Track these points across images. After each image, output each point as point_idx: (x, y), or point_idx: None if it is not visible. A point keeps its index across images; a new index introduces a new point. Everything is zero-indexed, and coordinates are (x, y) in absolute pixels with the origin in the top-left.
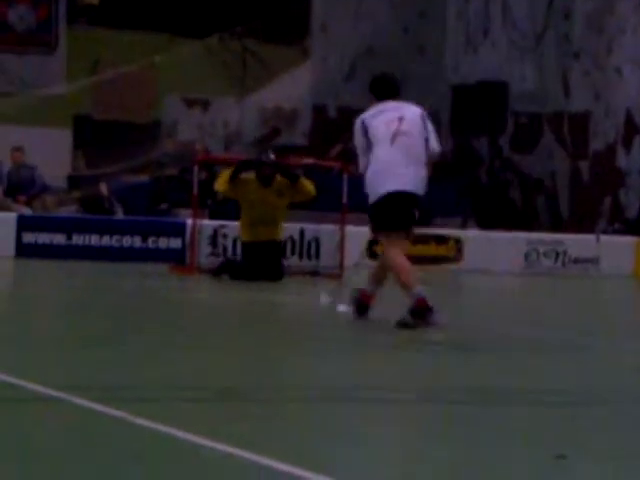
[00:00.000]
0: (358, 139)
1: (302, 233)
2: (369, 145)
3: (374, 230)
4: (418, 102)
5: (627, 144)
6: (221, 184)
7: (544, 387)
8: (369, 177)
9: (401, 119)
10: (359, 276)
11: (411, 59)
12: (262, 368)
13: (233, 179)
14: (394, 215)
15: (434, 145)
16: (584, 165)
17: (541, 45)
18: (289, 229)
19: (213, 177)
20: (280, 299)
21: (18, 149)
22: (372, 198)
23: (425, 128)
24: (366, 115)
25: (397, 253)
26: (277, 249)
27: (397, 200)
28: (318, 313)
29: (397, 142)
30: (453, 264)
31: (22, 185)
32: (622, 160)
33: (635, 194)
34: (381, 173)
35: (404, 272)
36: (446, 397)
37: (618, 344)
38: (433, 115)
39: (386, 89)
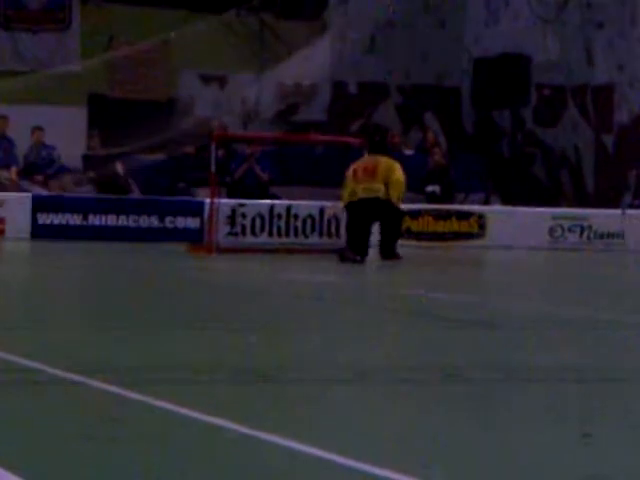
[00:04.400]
0: None
1: (322, 211)
2: None
3: None
4: (438, 76)
5: None
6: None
7: (567, 364)
8: None
9: None
10: None
11: (431, 32)
12: (281, 348)
13: None
14: None
15: None
16: (608, 138)
17: (563, 15)
18: (309, 207)
19: (230, 155)
20: (297, 277)
21: (39, 128)
22: None
23: None
24: None
25: None
26: None
27: None
28: (329, 289)
29: None
30: (476, 240)
31: (39, 165)
32: None
33: None
34: None
35: None
36: (470, 375)
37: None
38: (454, 89)
39: None
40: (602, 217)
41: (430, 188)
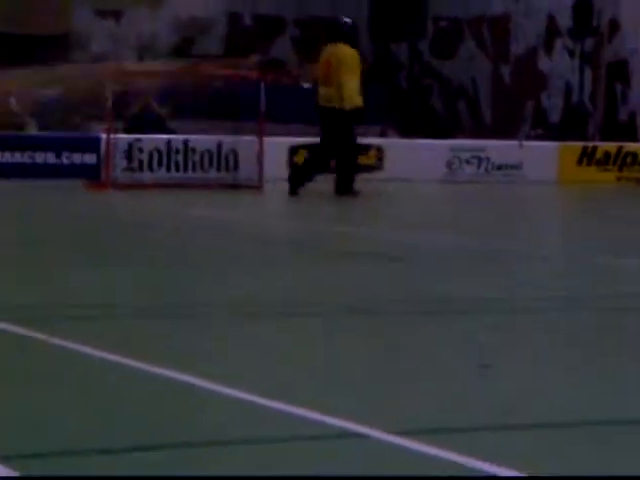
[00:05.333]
0: None
1: (220, 146)
2: None
3: None
4: (333, 9)
5: (549, 46)
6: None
7: (466, 295)
8: None
9: None
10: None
11: None
12: (175, 285)
13: None
14: None
15: None
16: (505, 69)
17: None
18: (207, 142)
19: (128, 95)
20: (195, 213)
21: None
22: None
23: None
24: None
25: None
26: None
27: None
28: (229, 226)
29: None
30: (375, 173)
31: None
32: (544, 63)
33: (557, 97)
34: None
35: None
36: (377, 308)
37: (537, 250)
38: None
39: None
40: (500, 148)
41: None
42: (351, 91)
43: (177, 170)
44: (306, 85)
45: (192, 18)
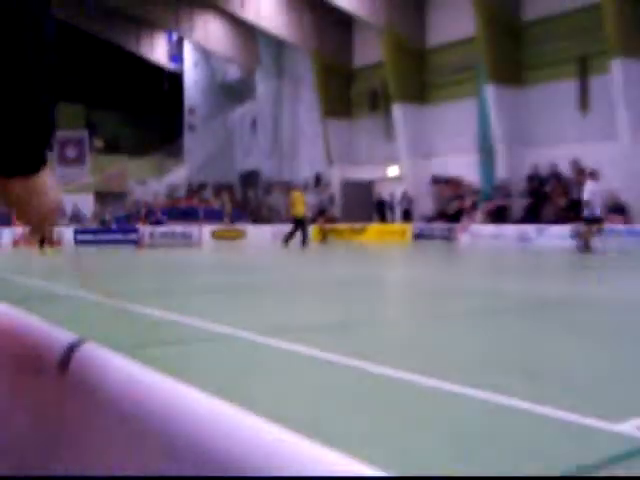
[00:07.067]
0: None
1: (186, 230)
2: None
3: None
4: (225, 182)
5: (306, 190)
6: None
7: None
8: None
9: None
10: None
11: (228, 158)
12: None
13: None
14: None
15: None
16: (286, 199)
17: (276, 149)
18: (182, 228)
19: (151, 212)
20: (188, 256)
21: None
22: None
23: None
24: None
25: None
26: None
27: None
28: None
29: None
30: (243, 240)
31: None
32: (308, 196)
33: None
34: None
35: None
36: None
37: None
38: (231, 184)
39: None
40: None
41: (225, 220)
42: (298, 210)
43: (169, 239)
44: (217, 207)
45: (173, 184)
